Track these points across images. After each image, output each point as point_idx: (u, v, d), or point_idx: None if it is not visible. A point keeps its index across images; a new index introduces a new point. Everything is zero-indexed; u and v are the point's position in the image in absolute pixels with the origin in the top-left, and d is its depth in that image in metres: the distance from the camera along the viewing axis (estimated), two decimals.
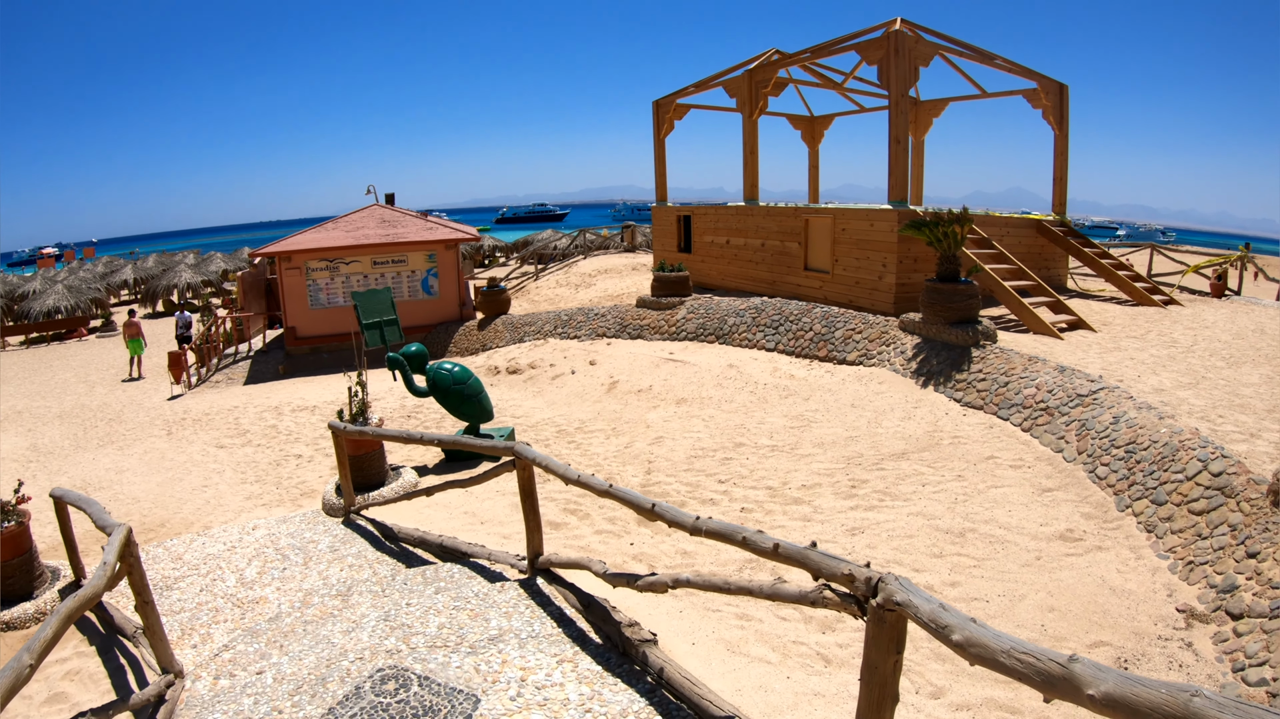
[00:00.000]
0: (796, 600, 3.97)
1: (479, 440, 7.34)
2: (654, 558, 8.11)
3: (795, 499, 9.58)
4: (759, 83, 21.53)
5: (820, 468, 10.56)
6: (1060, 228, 20.05)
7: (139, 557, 6.00)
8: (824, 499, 9.49)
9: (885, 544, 8.05)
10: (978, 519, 8.43)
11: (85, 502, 7.60)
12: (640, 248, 39.38)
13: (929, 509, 8.78)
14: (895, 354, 14.70)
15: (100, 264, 56.99)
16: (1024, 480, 9.45)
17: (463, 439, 7.59)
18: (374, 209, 27.37)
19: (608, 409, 14.75)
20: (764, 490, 9.96)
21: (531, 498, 6.79)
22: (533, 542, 6.96)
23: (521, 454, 6.58)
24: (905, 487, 9.57)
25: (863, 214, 17.90)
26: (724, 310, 18.27)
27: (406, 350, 12.70)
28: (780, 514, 9.19)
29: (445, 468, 12.18)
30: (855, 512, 9.01)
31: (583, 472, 5.90)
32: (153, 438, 16.46)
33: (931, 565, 7.57)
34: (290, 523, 10.19)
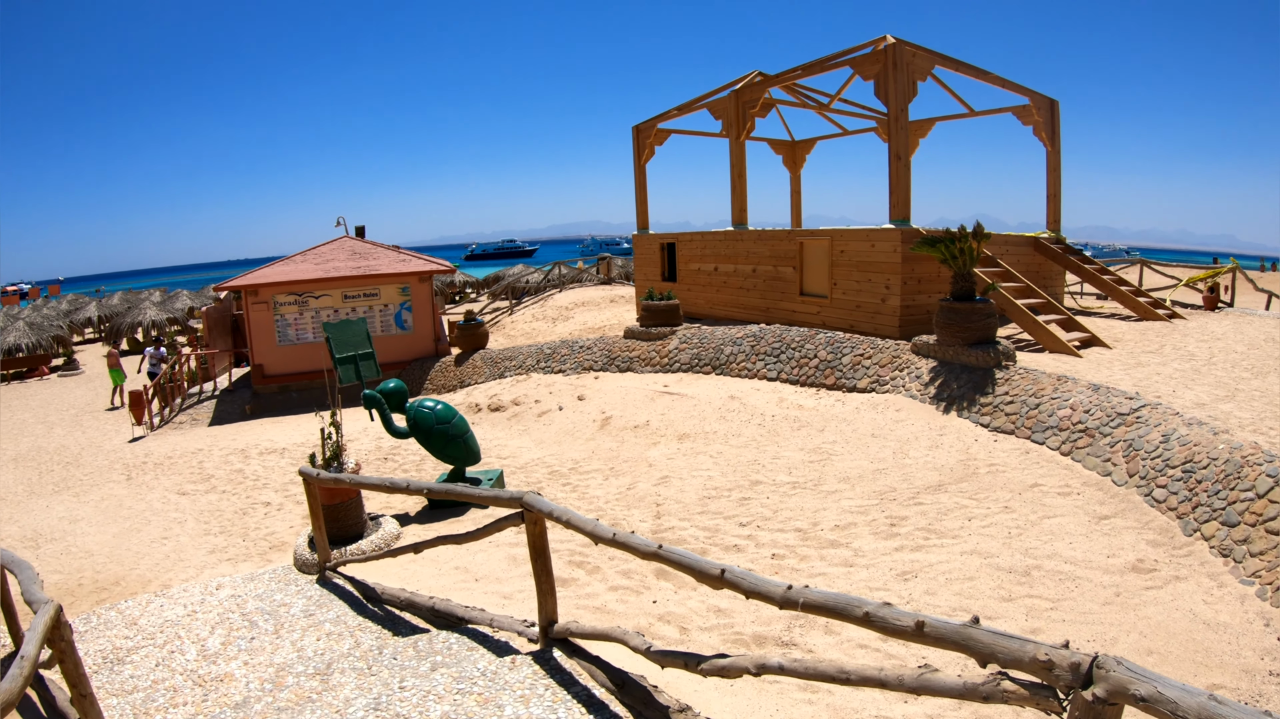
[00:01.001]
0: (959, 695, 3.00)
1: (481, 491, 6.30)
2: (683, 618, 7.08)
3: (831, 542, 8.61)
4: (746, 103, 20.74)
5: (851, 505, 9.64)
6: (1057, 245, 19.50)
7: (72, 640, 4.94)
8: (863, 540, 8.55)
9: (946, 590, 7.18)
10: (1039, 554, 7.66)
11: (17, 565, 6.53)
12: (616, 280, 38.54)
13: (983, 546, 7.97)
14: (910, 379, 13.87)
15: (65, 301, 56.29)
16: (1077, 509, 8.76)
17: (460, 490, 6.53)
18: (344, 241, 26.33)
19: (603, 447, 13.72)
20: (793, 533, 8.98)
21: (544, 557, 5.80)
22: (545, 607, 5.95)
23: (533, 506, 5.59)
24: (950, 522, 8.75)
25: (863, 235, 17.09)
26: (719, 339, 17.34)
27: (384, 387, 11.67)
28: (817, 559, 8.22)
29: (430, 516, 11.11)
30: (901, 553, 8.11)
31: (616, 527, 4.90)
32: (111, 483, 15.38)
33: (1004, 611, 6.73)
34: (259, 581, 9.12)
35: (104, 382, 30.07)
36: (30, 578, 5.84)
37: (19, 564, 6.43)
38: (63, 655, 4.88)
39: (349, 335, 12.08)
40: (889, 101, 16.60)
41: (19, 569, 6.32)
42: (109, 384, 28.91)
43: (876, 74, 16.78)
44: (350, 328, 12.15)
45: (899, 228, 16.19)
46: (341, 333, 11.99)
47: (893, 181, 16.67)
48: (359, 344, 12.13)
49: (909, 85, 16.70)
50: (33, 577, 5.88)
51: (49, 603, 4.85)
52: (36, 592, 5.44)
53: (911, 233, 16.06)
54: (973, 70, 18.94)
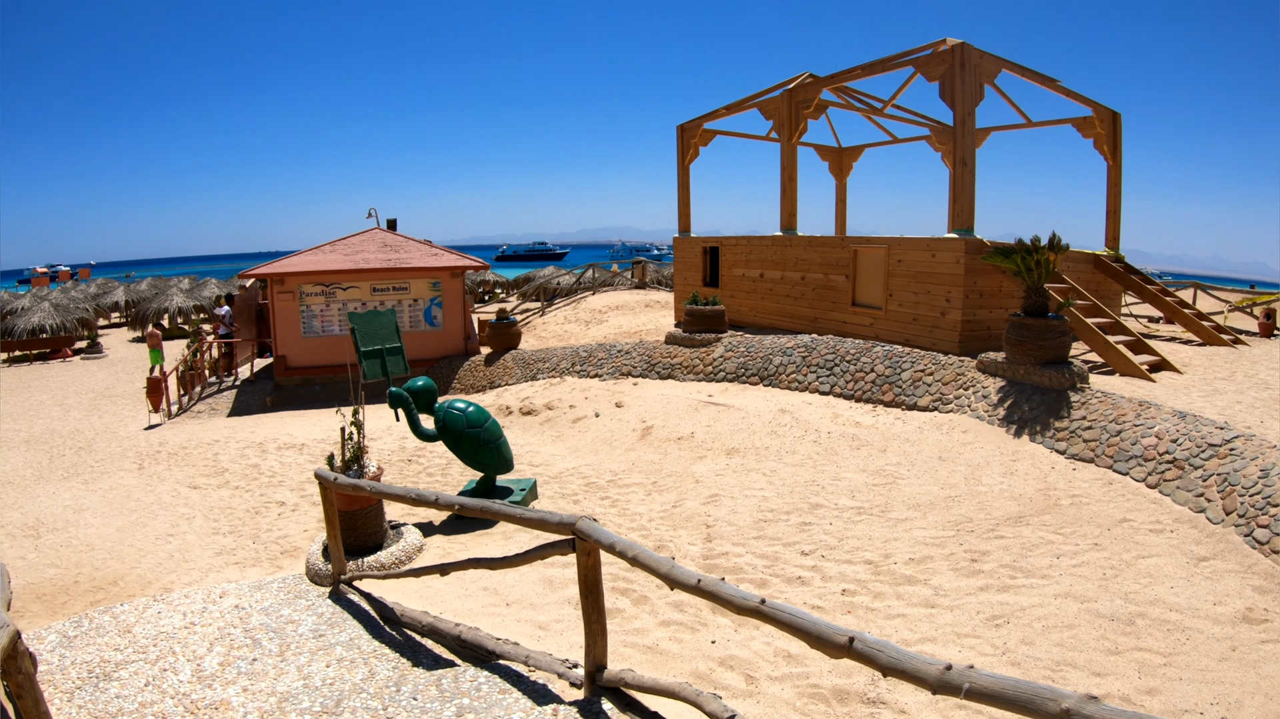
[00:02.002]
0: None
1: (524, 512, 5.40)
2: (749, 663, 6.16)
3: (907, 577, 7.68)
4: (800, 103, 19.81)
5: (925, 535, 8.71)
6: (1118, 264, 18.62)
7: (32, 673, 4.06)
8: (942, 577, 7.62)
9: (1043, 639, 6.29)
10: (1140, 600, 6.81)
11: None
12: (651, 284, 37.66)
13: (1078, 589, 7.07)
14: (976, 398, 12.94)
15: (93, 285, 55.97)
16: (1172, 548, 7.90)
17: (499, 509, 5.63)
18: (375, 233, 25.51)
19: (644, 459, 12.81)
20: (863, 565, 8.05)
21: (596, 593, 4.95)
22: (595, 649, 5.07)
23: (588, 535, 4.72)
24: (1037, 559, 7.84)
25: (923, 244, 16.16)
26: (768, 349, 16.39)
27: (412, 385, 10.78)
28: (893, 598, 7.30)
29: (455, 526, 10.21)
30: (987, 593, 7.19)
31: (701, 572, 4.00)
32: (122, 472, 14.64)
33: (1113, 666, 5.88)
34: (266, 591, 8.27)
35: (125, 366, 29.63)
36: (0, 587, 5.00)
37: None
38: (20, 691, 4.02)
39: (376, 328, 11.11)
40: (955, 104, 15.67)
41: None
42: (131, 369, 28.71)
43: (942, 75, 15.87)
44: (378, 319, 11.18)
45: (962, 237, 15.29)
46: (368, 325, 11.03)
47: (956, 189, 15.81)
48: (387, 337, 11.16)
49: (976, 88, 15.79)
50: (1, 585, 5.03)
51: (4, 628, 3.98)
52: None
53: (975, 243, 15.16)
54: (1038, 77, 18.07)
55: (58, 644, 7.31)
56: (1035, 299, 12.93)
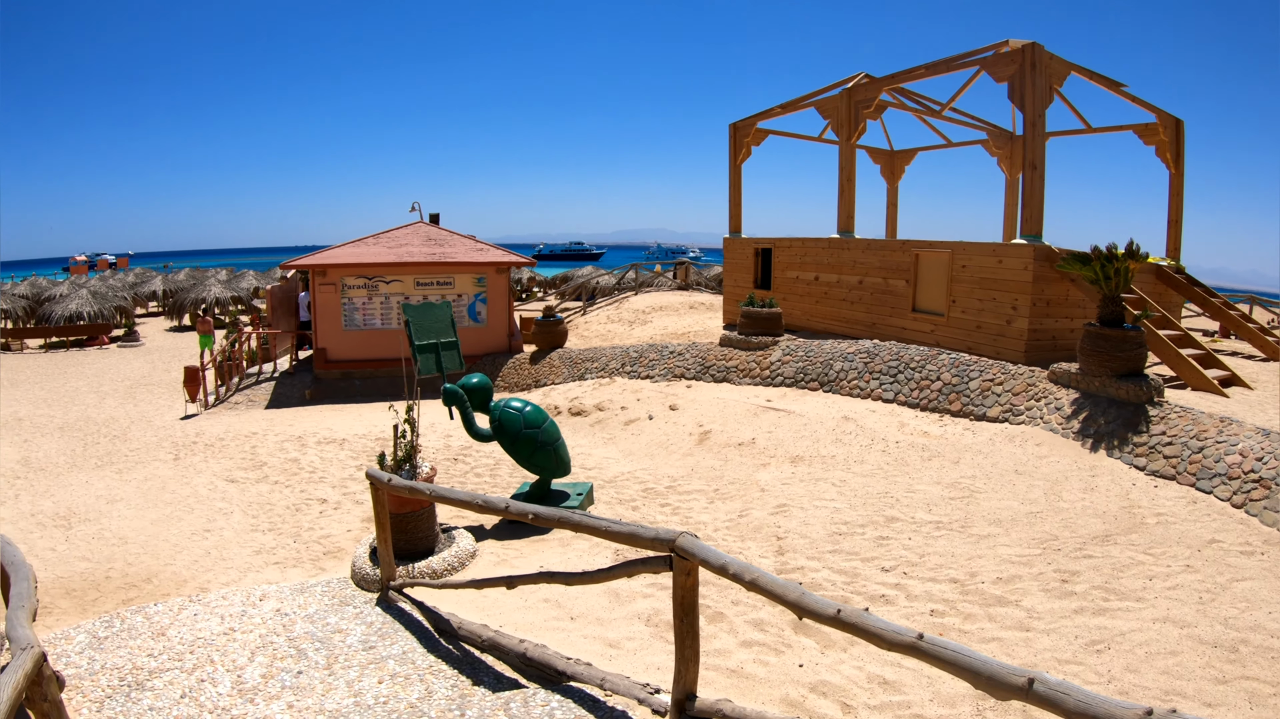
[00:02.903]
0: None
1: (613, 524, 4.80)
2: (842, 690, 5.56)
3: (997, 598, 7.06)
4: (859, 103, 19.18)
5: (1010, 554, 8.10)
6: (1179, 274, 17.91)
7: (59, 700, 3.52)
8: (1034, 599, 7.00)
9: (1147, 666, 5.75)
10: (1240, 625, 6.29)
11: (13, 567, 5.17)
12: (694, 286, 37.02)
13: (1175, 613, 6.51)
14: (1049, 410, 12.29)
15: (131, 274, 56.10)
16: (1265, 571, 7.38)
17: (583, 520, 5.03)
18: (419, 226, 25.02)
19: (703, 465, 12.20)
20: (948, 584, 7.44)
21: (692, 616, 4.42)
22: (686, 676, 4.51)
23: (690, 552, 4.15)
24: (1129, 581, 7.24)
25: (989, 249, 15.52)
26: (828, 353, 15.74)
27: (467, 382, 10.22)
28: (984, 620, 6.68)
29: (508, 531, 9.62)
30: (1082, 617, 6.58)
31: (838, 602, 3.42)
32: (157, 462, 14.20)
33: (1222, 696, 5.37)
34: (310, 595, 7.73)
35: (161, 355, 29.49)
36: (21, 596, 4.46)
37: (15, 567, 5.08)
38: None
39: (431, 321, 10.48)
40: (1025, 106, 15.05)
41: (13, 572, 4.97)
42: (168, 358, 28.68)
43: (1011, 76, 15.28)
44: (433, 312, 10.55)
45: (1031, 244, 14.64)
46: (423, 317, 10.40)
47: (1026, 193, 15.15)
48: (442, 331, 10.53)
49: (1046, 90, 15.19)
50: (24, 594, 4.50)
51: (28, 651, 3.43)
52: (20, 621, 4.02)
53: (1044, 250, 14.54)
54: (1104, 81, 17.45)
55: (87, 646, 6.81)
56: (1111, 309, 12.32)
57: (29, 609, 4.28)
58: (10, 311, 36.98)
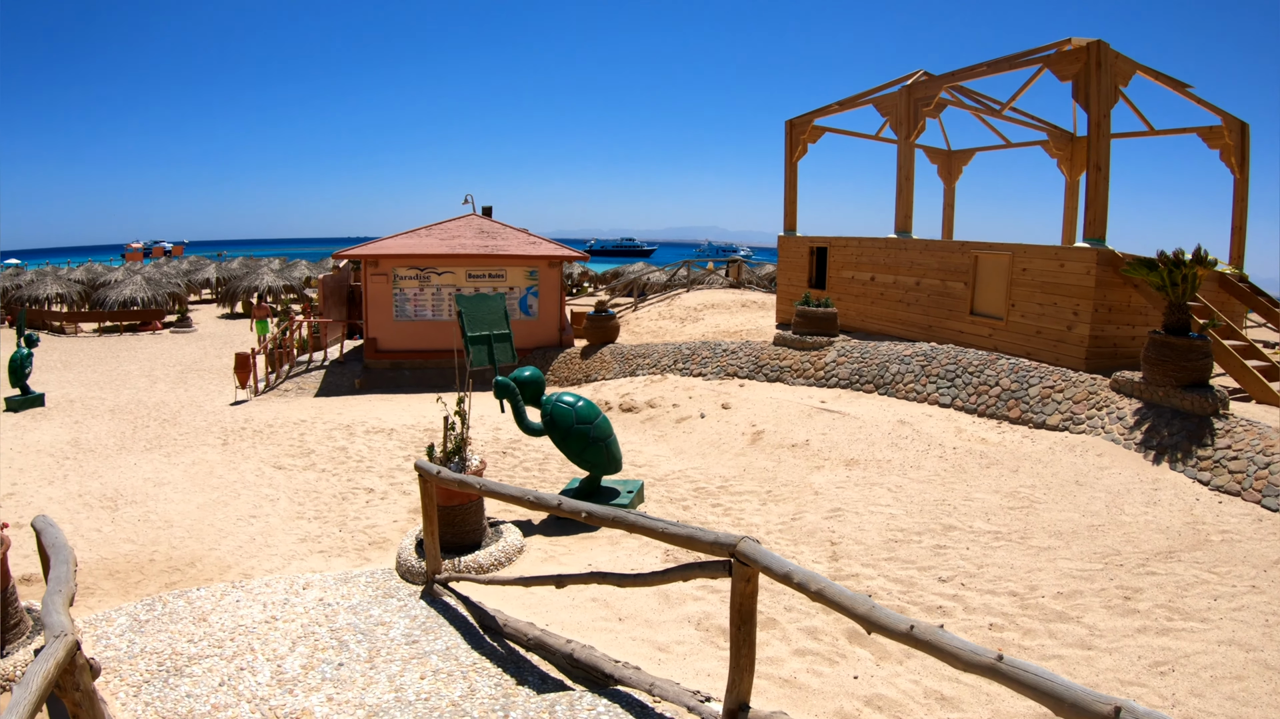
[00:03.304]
0: None
1: (670, 527, 4.59)
2: (898, 704, 5.31)
3: (1058, 613, 6.75)
4: (919, 100, 18.81)
5: (1071, 568, 7.77)
6: (1243, 283, 17.36)
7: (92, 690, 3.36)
8: (1096, 615, 6.69)
9: (1213, 691, 5.45)
10: None
11: (55, 549, 5.05)
12: (746, 284, 36.65)
13: (1241, 635, 6.17)
14: (1110, 420, 11.91)
15: (186, 262, 56.89)
16: None
17: (638, 521, 4.81)
18: (471, 219, 24.98)
19: (756, 465, 11.95)
20: (1007, 597, 7.14)
21: (750, 623, 4.18)
22: (740, 685, 4.29)
23: (752, 558, 3.94)
24: (1194, 600, 6.90)
25: (1051, 252, 15.13)
26: (884, 355, 15.41)
27: (519, 375, 10.03)
28: (1045, 636, 6.39)
29: (556, 527, 9.42)
30: (1145, 636, 6.27)
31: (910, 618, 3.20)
32: (205, 446, 14.21)
33: None
34: (353, 585, 7.60)
35: (213, 342, 29.86)
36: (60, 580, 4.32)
37: (57, 549, 4.95)
38: (77, 711, 3.32)
39: (484, 312, 10.25)
40: (1090, 106, 14.64)
41: (54, 553, 4.84)
42: (220, 344, 29.05)
43: (1076, 74, 14.88)
44: (486, 304, 10.32)
45: (1094, 247, 14.23)
46: (476, 309, 10.17)
47: (1089, 195, 14.70)
48: (495, 323, 10.30)
49: (1111, 89, 14.79)
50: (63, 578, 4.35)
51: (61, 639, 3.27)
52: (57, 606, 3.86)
53: (1108, 254, 14.11)
54: (1170, 81, 17.01)
55: (127, 628, 6.73)
56: (1178, 316, 11.92)
57: (66, 594, 4.14)
58: (66, 296, 37.52)
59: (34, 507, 10.78)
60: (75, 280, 40.30)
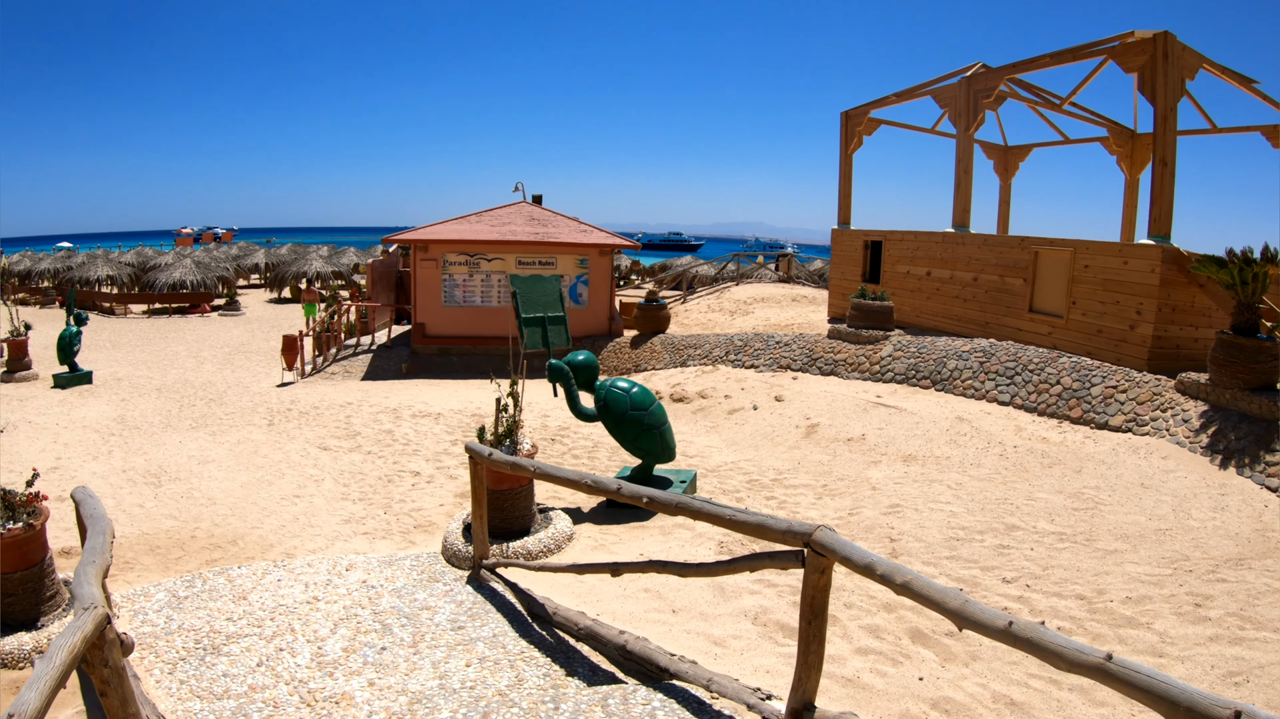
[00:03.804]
0: None
1: (739, 513, 4.29)
2: (966, 709, 5.00)
3: (1127, 619, 6.40)
4: (979, 93, 18.39)
5: (1139, 572, 7.40)
6: None
7: (121, 667, 3.12)
8: (1166, 622, 6.34)
9: None
10: None
11: (92, 520, 4.86)
12: (796, 279, 36.24)
13: None
14: (1175, 422, 11.50)
15: (235, 247, 57.49)
16: None
17: (706, 507, 4.52)
18: (521, 206, 24.81)
19: (810, 459, 11.62)
20: (1074, 600, 6.79)
21: (821, 618, 3.90)
22: (806, 684, 4.01)
23: (829, 547, 3.65)
24: (1266, 609, 6.53)
25: (1114, 249, 14.69)
26: (941, 351, 15.01)
27: (573, 359, 9.70)
28: (1114, 642, 6.05)
29: (606, 514, 9.14)
30: (1218, 645, 5.92)
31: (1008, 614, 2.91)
32: (251, 426, 14.14)
33: None
34: (398, 568, 7.37)
35: (261, 325, 30.03)
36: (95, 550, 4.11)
37: (94, 519, 4.75)
38: (105, 688, 3.09)
39: (539, 294, 9.93)
40: (1156, 99, 14.22)
41: (92, 525, 4.64)
42: (267, 327, 29.20)
43: (1141, 66, 14.49)
44: (541, 285, 9.99)
45: (1159, 245, 13.79)
46: (531, 290, 9.84)
47: (1155, 191, 14.26)
48: (550, 305, 9.97)
49: (1178, 82, 14.40)
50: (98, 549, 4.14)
51: (90, 612, 3.03)
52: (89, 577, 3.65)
53: (1173, 252, 13.68)
54: (1236, 77, 16.54)
55: (165, 604, 6.56)
56: (1246, 316, 11.50)
57: (100, 566, 3.92)
58: (116, 278, 37.90)
59: (77, 481, 10.69)
60: (126, 263, 40.77)
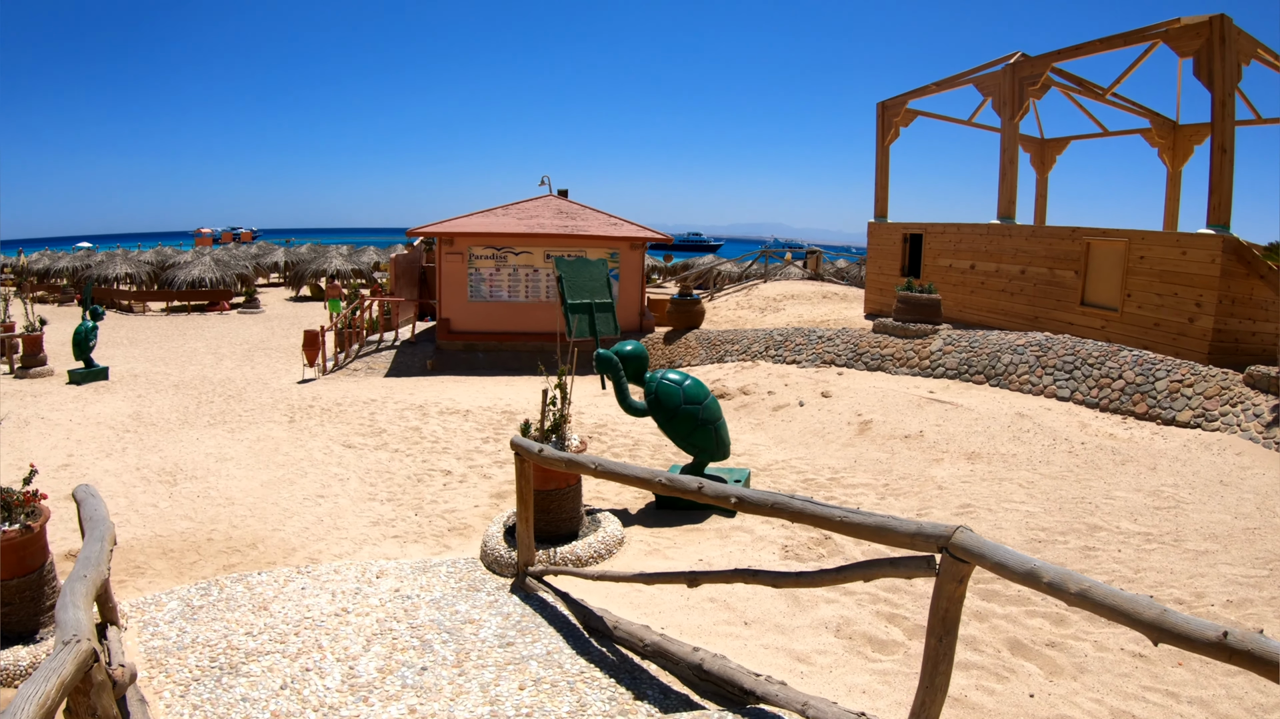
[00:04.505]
0: None
1: (858, 516, 3.59)
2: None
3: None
4: (1024, 80, 17.69)
5: (1235, 573, 6.76)
6: None
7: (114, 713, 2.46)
8: (1273, 626, 5.73)
9: None
10: None
11: (91, 523, 4.21)
12: (824, 276, 35.50)
13: None
14: (1246, 417, 10.87)
15: (255, 246, 57.38)
16: None
17: (802, 507, 3.83)
18: (549, 199, 24.15)
19: (867, 457, 10.90)
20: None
21: (953, 633, 3.26)
22: (929, 709, 3.37)
23: (973, 552, 3.02)
24: None
25: (1171, 239, 14.04)
26: (994, 345, 14.28)
27: (621, 349, 8.91)
28: None
29: (656, 516, 8.43)
30: None
31: None
32: (271, 423, 13.56)
33: None
34: (434, 575, 6.71)
35: (280, 323, 29.59)
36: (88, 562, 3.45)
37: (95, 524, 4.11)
38: None
39: (586, 278, 9.11)
40: (1213, 84, 13.59)
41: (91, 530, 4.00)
42: (287, 325, 28.84)
43: (1197, 50, 13.85)
44: (588, 269, 9.19)
45: (1219, 234, 13.12)
46: (578, 274, 9.03)
47: (1214, 179, 13.59)
48: (597, 291, 9.15)
49: (1235, 67, 13.76)
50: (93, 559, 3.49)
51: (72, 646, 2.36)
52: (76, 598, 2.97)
53: (1233, 242, 13.04)
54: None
55: (179, 615, 5.93)
56: None
57: (93, 581, 3.27)
58: (134, 276, 37.60)
59: (89, 479, 10.17)
60: (145, 262, 40.51)
